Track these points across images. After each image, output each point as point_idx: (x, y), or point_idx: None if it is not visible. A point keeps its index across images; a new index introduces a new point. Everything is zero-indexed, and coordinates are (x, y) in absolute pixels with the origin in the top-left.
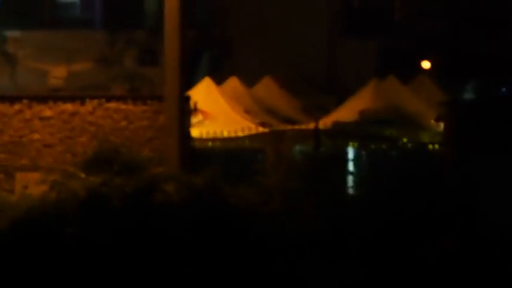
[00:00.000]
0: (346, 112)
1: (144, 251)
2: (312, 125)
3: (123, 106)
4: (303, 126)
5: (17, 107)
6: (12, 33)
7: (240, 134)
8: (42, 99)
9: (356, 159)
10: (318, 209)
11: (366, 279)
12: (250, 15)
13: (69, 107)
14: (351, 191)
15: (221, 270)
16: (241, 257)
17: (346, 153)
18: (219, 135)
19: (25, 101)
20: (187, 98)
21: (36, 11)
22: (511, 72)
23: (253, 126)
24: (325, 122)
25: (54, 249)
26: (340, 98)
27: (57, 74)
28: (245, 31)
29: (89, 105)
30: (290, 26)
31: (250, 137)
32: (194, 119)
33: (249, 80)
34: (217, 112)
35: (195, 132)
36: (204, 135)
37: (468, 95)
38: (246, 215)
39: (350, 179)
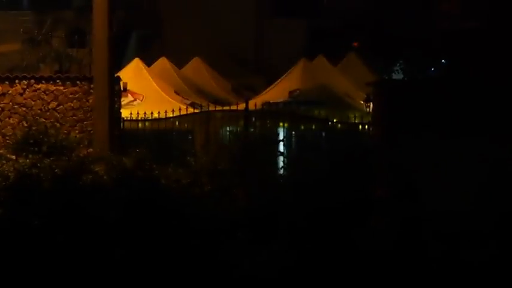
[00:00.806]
0: (276, 92)
1: (75, 232)
2: (241, 106)
3: (52, 87)
4: (233, 107)
5: None
6: None
7: (170, 114)
8: None
9: (286, 140)
10: (248, 190)
11: (298, 263)
12: None
13: None
14: (281, 172)
15: (152, 252)
16: (171, 238)
17: (276, 134)
18: (148, 116)
19: None
20: (117, 79)
21: None
22: (440, 53)
23: (183, 107)
24: (254, 103)
25: None
26: (269, 78)
27: None
28: (175, 12)
29: (18, 86)
30: (219, 7)
31: (180, 118)
32: (124, 100)
33: (179, 61)
34: (146, 93)
35: (124, 113)
36: (134, 116)
37: (397, 76)
38: (177, 197)
39: (281, 160)
